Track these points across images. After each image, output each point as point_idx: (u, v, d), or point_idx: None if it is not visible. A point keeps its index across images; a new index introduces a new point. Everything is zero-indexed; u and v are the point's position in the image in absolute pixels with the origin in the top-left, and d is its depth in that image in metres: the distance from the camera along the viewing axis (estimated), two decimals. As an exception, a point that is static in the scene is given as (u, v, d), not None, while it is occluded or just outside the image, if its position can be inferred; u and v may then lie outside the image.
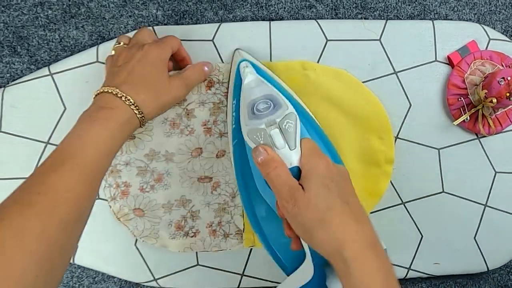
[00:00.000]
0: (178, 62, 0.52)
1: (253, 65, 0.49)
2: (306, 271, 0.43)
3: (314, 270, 0.42)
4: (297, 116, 0.43)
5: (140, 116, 0.43)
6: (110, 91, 0.42)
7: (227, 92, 0.53)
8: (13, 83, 0.53)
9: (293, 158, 0.40)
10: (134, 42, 0.47)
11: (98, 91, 0.43)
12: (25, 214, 0.32)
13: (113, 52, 0.48)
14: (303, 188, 0.38)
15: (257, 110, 0.44)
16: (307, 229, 0.37)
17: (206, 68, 0.51)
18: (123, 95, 0.41)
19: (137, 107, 0.42)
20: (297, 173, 0.40)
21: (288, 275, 0.47)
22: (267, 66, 0.53)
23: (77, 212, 0.36)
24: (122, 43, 0.48)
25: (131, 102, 0.41)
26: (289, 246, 0.43)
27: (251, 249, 0.55)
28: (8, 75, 0.54)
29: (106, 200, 0.53)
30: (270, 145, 0.40)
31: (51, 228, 0.33)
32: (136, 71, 0.44)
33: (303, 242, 0.41)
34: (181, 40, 0.53)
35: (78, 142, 0.38)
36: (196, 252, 0.55)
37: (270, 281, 0.56)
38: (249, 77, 0.47)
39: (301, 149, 0.41)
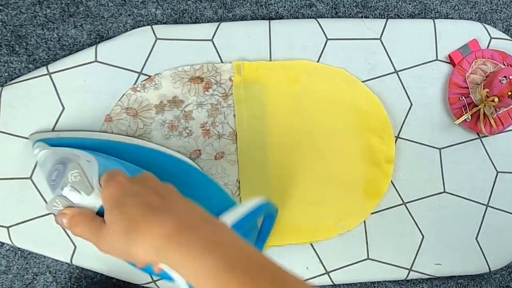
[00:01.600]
0: None
1: (46, 140, 0.47)
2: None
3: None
4: (82, 158, 0.40)
5: None
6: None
7: (225, 94, 0.53)
8: (11, 82, 0.52)
9: (96, 200, 0.37)
10: None
11: None
12: None
13: None
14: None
15: (52, 181, 0.40)
16: (126, 255, 0.33)
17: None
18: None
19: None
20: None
21: None
22: (265, 65, 0.53)
23: None
24: None
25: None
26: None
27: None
28: (6, 74, 0.54)
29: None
30: (71, 206, 0.37)
31: None
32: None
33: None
34: (180, 39, 0.53)
35: None
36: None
37: (270, 282, 0.55)
38: (38, 156, 0.45)
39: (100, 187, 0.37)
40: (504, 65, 0.56)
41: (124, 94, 0.52)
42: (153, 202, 0.33)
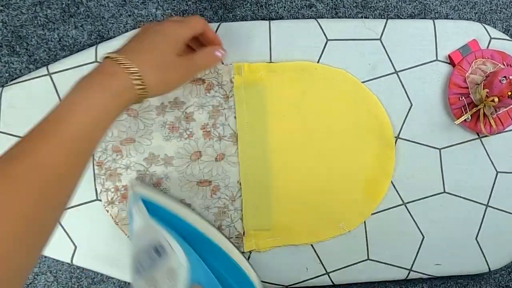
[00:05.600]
0: (207, 45, 0.48)
1: (147, 202, 0.46)
2: None
3: None
4: (177, 257, 0.40)
5: (140, 87, 0.39)
6: (111, 56, 0.38)
7: (226, 95, 0.53)
8: (11, 82, 0.52)
9: None
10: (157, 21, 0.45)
11: (103, 57, 0.39)
12: (14, 190, 0.30)
13: None
14: None
15: (140, 265, 0.41)
16: None
17: (217, 53, 0.47)
18: (124, 62, 0.38)
19: (138, 77, 0.38)
20: None
21: None
22: (266, 66, 0.53)
23: (67, 189, 0.34)
24: None
25: (132, 70, 0.38)
26: None
27: (250, 252, 0.55)
28: (7, 74, 0.54)
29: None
30: None
31: (40, 207, 0.31)
32: (147, 41, 0.41)
33: None
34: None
35: (70, 108, 0.35)
36: (196, 253, 0.55)
37: (270, 283, 0.55)
38: (137, 222, 0.44)
39: None
40: (504, 65, 0.56)
41: (124, 95, 0.52)
42: None
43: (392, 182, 0.56)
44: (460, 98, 0.55)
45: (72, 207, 0.52)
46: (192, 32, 0.44)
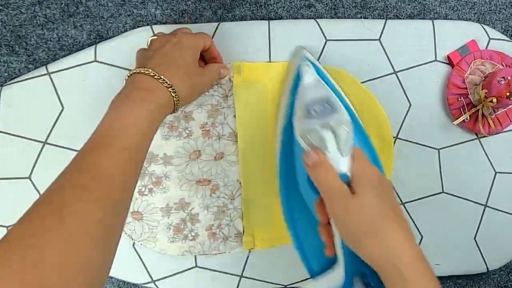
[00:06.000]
0: (208, 61, 0.51)
1: (314, 66, 0.49)
2: (336, 278, 0.41)
3: (345, 279, 0.40)
4: (351, 123, 0.42)
5: (176, 99, 0.42)
6: (145, 72, 0.41)
7: (225, 94, 0.53)
8: (10, 82, 0.52)
9: (342, 165, 0.39)
10: (169, 33, 0.47)
11: (131, 72, 0.42)
12: (85, 199, 0.31)
13: (148, 43, 0.48)
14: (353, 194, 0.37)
15: (313, 110, 0.43)
16: (356, 236, 0.36)
17: (221, 71, 0.51)
18: (160, 77, 0.40)
19: (173, 90, 0.41)
20: (345, 181, 0.38)
21: (312, 277, 0.46)
22: (265, 66, 0.53)
23: (128, 194, 0.36)
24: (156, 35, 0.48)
25: (168, 84, 0.41)
26: (319, 249, 0.42)
27: (249, 251, 0.55)
28: (6, 74, 0.54)
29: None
30: (322, 147, 0.39)
31: (108, 212, 0.33)
32: (171, 55, 0.43)
33: (337, 250, 0.40)
34: (180, 39, 0.53)
35: (120, 123, 0.37)
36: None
37: (269, 283, 0.55)
38: (309, 76, 0.47)
39: (351, 157, 0.39)
40: (503, 65, 0.56)
41: (123, 94, 0.52)
42: (399, 215, 0.38)
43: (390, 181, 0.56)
44: (459, 99, 0.55)
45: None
46: (203, 45, 0.47)
